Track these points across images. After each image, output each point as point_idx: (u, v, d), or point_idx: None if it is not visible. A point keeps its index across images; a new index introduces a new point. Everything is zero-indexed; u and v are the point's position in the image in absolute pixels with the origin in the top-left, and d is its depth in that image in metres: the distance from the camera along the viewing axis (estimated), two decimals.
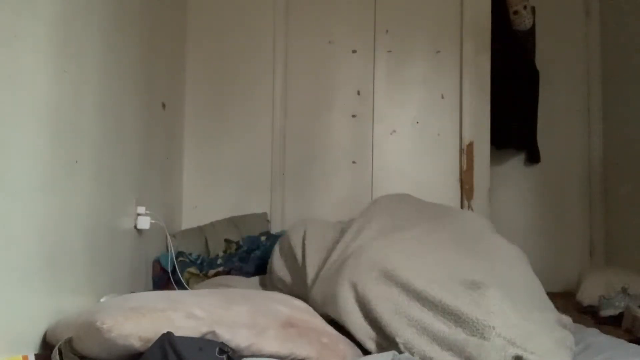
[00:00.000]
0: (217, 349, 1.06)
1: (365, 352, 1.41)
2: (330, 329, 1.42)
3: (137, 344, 1.06)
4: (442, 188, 2.75)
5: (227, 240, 2.50)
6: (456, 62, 2.78)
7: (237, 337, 1.14)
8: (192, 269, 2.25)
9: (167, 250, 2.26)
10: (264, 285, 2.00)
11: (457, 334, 1.24)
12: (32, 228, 1.22)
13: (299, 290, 1.69)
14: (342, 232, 1.74)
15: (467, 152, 2.73)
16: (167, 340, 1.02)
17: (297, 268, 1.76)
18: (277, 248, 1.95)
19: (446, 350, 1.24)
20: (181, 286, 2.13)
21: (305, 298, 1.58)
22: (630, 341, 1.60)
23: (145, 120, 2.10)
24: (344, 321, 1.42)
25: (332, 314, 1.45)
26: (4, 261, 1.11)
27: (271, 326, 1.22)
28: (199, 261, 2.32)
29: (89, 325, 1.08)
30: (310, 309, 1.51)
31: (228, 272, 2.22)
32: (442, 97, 2.80)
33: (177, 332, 1.05)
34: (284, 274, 1.84)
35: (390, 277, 1.40)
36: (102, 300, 1.49)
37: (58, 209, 1.35)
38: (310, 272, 1.66)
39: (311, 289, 1.60)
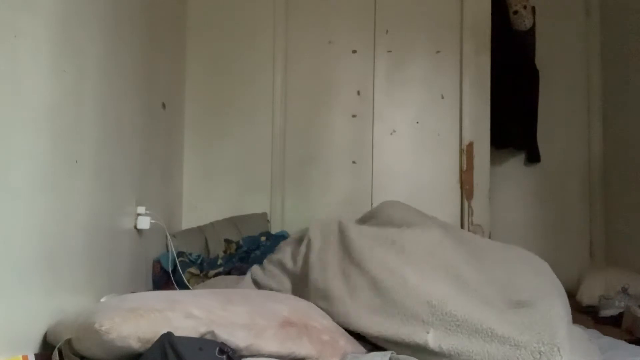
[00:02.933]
0: (217, 349, 1.06)
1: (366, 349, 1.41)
2: (331, 326, 1.42)
3: (135, 345, 1.06)
4: (442, 188, 2.75)
5: (227, 240, 2.50)
6: (456, 62, 2.78)
7: (235, 338, 1.14)
8: (193, 269, 2.25)
9: (167, 250, 2.26)
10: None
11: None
12: (32, 228, 1.22)
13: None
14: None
15: (467, 152, 2.73)
16: (167, 340, 1.02)
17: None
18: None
19: None
20: (181, 286, 2.13)
21: None
22: (630, 341, 1.60)
23: (145, 120, 2.10)
24: None
25: None
26: (4, 261, 1.11)
27: (270, 326, 1.22)
28: (199, 261, 2.32)
29: (87, 326, 1.08)
30: (312, 305, 1.51)
31: (228, 273, 2.21)
32: (442, 97, 2.80)
33: (176, 332, 1.05)
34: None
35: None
36: (102, 300, 1.49)
37: (58, 209, 1.35)
38: None
39: None
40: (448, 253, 1.54)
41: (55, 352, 1.13)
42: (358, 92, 2.83)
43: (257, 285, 1.86)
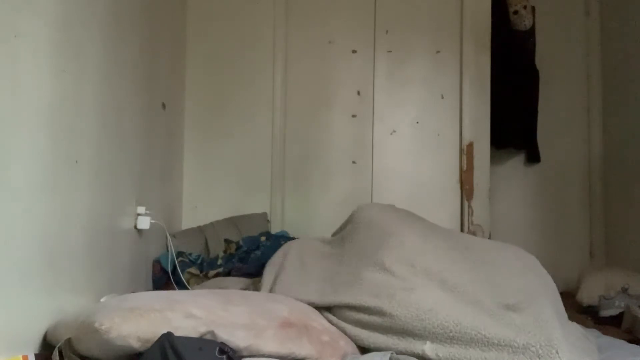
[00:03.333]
0: (217, 349, 1.06)
1: (365, 349, 1.41)
2: (331, 327, 1.42)
3: (135, 344, 1.06)
4: (442, 188, 2.75)
5: (227, 241, 2.49)
6: (456, 62, 2.78)
7: (235, 338, 1.14)
8: (193, 269, 2.25)
9: (167, 250, 2.26)
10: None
11: None
12: (32, 228, 1.22)
13: None
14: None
15: (467, 152, 2.73)
16: (166, 340, 1.02)
17: None
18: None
19: None
20: (181, 286, 2.12)
21: None
22: (630, 341, 1.60)
23: (145, 120, 2.10)
24: None
25: None
26: (4, 261, 1.11)
27: (270, 326, 1.22)
28: (198, 261, 2.32)
29: (87, 326, 1.08)
30: (311, 307, 1.51)
31: (228, 273, 2.21)
32: (442, 97, 2.80)
33: (176, 332, 1.05)
34: None
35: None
36: (102, 300, 1.49)
37: (58, 209, 1.35)
38: None
39: None
40: (430, 259, 1.52)
41: (55, 352, 1.13)
42: (358, 92, 2.83)
43: None
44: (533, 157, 3.08)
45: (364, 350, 1.41)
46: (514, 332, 1.22)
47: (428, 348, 1.28)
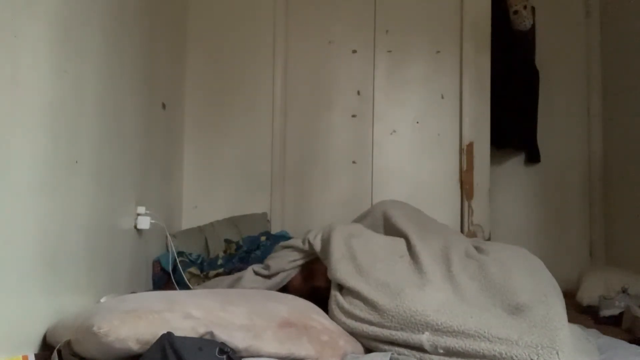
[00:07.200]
0: (217, 349, 1.06)
1: (367, 349, 1.41)
2: (330, 326, 1.41)
3: (135, 346, 1.06)
4: (442, 188, 2.75)
5: (227, 241, 2.50)
6: (456, 62, 2.78)
7: (234, 339, 1.14)
8: (193, 269, 2.25)
9: (167, 250, 2.26)
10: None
11: None
12: (32, 228, 1.22)
13: None
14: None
15: (467, 152, 2.73)
16: (166, 340, 1.02)
17: None
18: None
19: None
20: (182, 286, 2.12)
21: None
22: (630, 341, 1.60)
23: (145, 120, 2.10)
24: None
25: None
26: (4, 261, 1.11)
27: (269, 327, 1.22)
28: (199, 261, 2.32)
29: (85, 329, 1.08)
30: (310, 305, 1.51)
31: (229, 273, 2.21)
32: (442, 97, 2.80)
33: (175, 333, 1.05)
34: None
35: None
36: (102, 300, 1.49)
37: (58, 209, 1.35)
38: None
39: None
40: (447, 260, 1.55)
41: (55, 354, 1.13)
42: (358, 92, 2.83)
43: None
44: (533, 157, 3.08)
45: (365, 349, 1.42)
46: (517, 332, 1.22)
47: (425, 339, 1.29)
